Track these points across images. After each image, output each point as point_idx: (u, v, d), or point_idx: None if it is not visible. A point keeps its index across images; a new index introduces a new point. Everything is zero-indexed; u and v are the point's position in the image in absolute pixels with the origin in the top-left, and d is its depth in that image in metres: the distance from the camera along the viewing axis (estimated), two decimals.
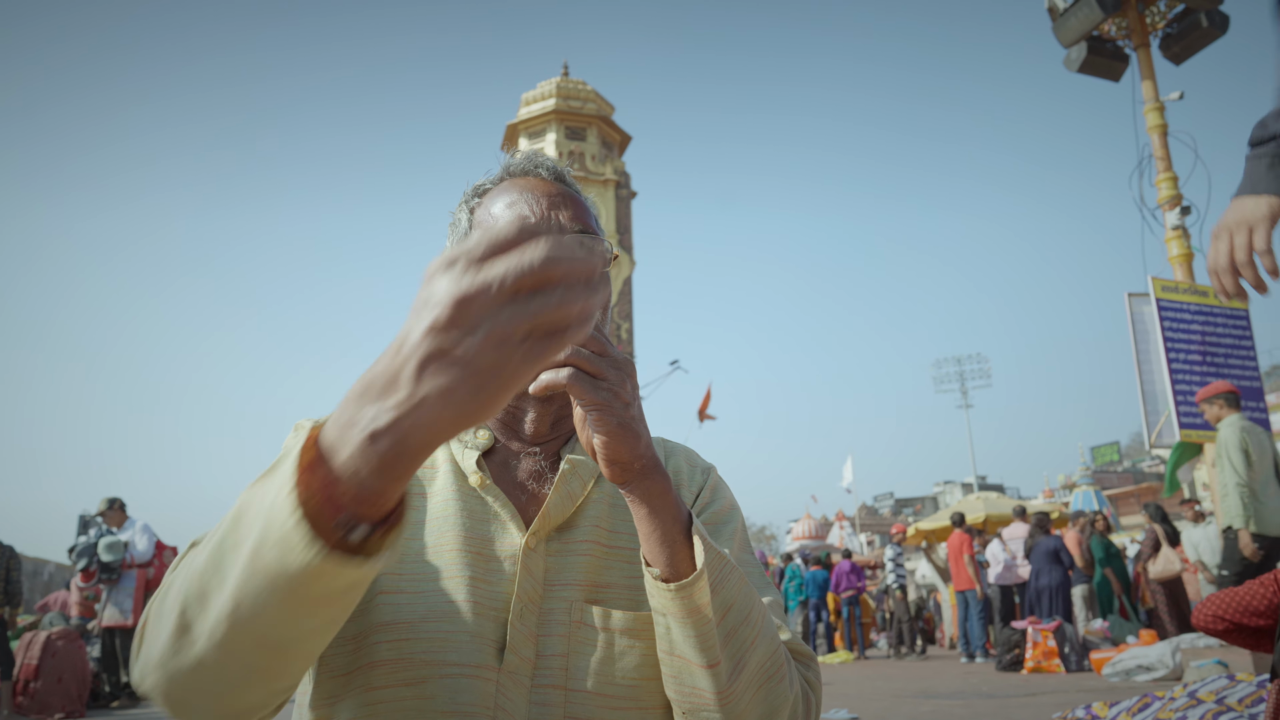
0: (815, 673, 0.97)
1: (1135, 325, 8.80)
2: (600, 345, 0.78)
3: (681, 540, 0.82)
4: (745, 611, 0.85)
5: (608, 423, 0.77)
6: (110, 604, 8.24)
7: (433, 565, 0.90)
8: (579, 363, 0.77)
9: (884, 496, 78.00)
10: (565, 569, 0.93)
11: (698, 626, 0.81)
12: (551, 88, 31.28)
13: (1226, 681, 4.19)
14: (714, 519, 1.02)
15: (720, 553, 0.83)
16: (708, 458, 1.13)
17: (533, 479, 0.98)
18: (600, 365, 0.77)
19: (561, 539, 0.95)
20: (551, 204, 1.00)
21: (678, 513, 0.83)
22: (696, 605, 0.80)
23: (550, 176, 1.05)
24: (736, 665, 0.83)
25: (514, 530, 0.93)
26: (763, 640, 0.86)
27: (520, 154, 1.07)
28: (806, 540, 31.00)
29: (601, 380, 0.77)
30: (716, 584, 0.81)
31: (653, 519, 0.82)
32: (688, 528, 0.83)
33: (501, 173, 1.06)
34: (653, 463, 0.82)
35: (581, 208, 1.03)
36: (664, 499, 0.82)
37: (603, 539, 0.96)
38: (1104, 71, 10.23)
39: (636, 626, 0.91)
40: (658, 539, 0.82)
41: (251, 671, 0.66)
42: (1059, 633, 8.93)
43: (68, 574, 14.43)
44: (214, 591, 0.63)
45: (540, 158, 1.07)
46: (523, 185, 1.02)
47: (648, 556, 0.83)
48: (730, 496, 1.07)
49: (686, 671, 0.84)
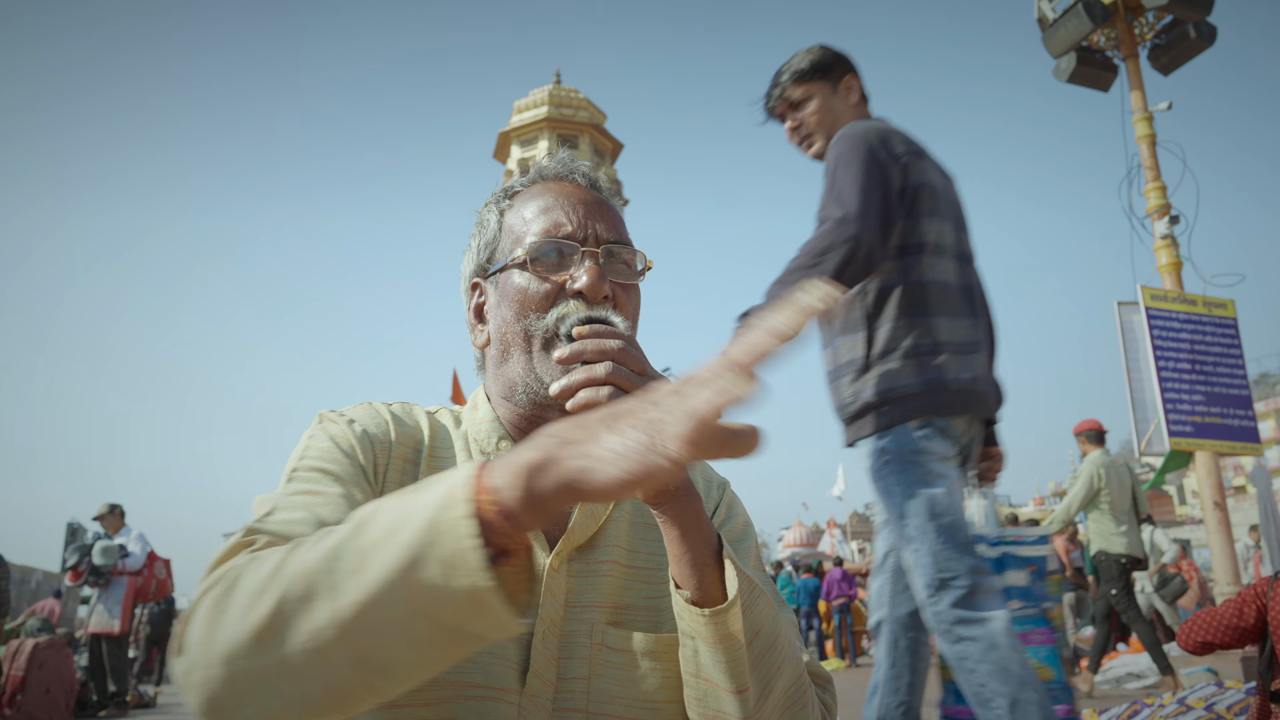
0: (832, 695, 0.95)
1: (1125, 334, 8.83)
2: (640, 364, 0.77)
3: (712, 564, 0.80)
4: (772, 636, 0.83)
5: None
6: (99, 609, 8.18)
7: None
8: (620, 381, 0.75)
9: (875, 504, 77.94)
10: (586, 590, 0.91)
11: (729, 652, 0.79)
12: (544, 95, 31.32)
13: (1215, 689, 4.21)
14: (730, 536, 1.00)
15: (749, 578, 0.82)
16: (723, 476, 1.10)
17: None
18: (640, 385, 0.76)
19: (583, 559, 0.92)
20: (589, 213, 0.96)
21: (709, 535, 0.81)
22: (730, 631, 0.78)
23: (586, 183, 1.01)
24: (764, 690, 0.82)
25: (537, 550, 0.90)
26: (788, 665, 0.84)
27: (554, 157, 1.04)
28: (798, 548, 30.96)
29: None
30: (746, 609, 0.80)
31: (684, 541, 0.80)
32: (718, 551, 0.81)
33: (534, 175, 1.03)
34: (688, 484, 0.80)
35: (616, 217, 1.00)
36: (697, 521, 0.80)
37: (622, 559, 0.94)
38: (1093, 82, 10.29)
39: (658, 649, 0.89)
40: (689, 561, 0.80)
41: (332, 691, 0.61)
42: None
43: (56, 582, 14.34)
44: (323, 596, 0.59)
45: (576, 162, 1.03)
46: (557, 190, 0.99)
47: (678, 578, 0.81)
48: (744, 514, 1.05)
49: (713, 695, 0.82)
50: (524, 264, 0.94)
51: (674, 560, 0.81)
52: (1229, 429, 8.55)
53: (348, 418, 0.93)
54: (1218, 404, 8.57)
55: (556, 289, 0.93)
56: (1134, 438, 8.85)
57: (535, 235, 0.95)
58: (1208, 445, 8.22)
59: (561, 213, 0.96)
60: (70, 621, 11.73)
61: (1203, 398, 8.49)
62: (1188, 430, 8.19)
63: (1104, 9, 9.69)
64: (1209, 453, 8.21)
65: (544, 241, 0.94)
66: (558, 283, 0.93)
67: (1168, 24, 9.92)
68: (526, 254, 0.93)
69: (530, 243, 0.94)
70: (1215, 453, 8.28)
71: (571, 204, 0.97)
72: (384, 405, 0.98)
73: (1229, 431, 8.56)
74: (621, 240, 0.97)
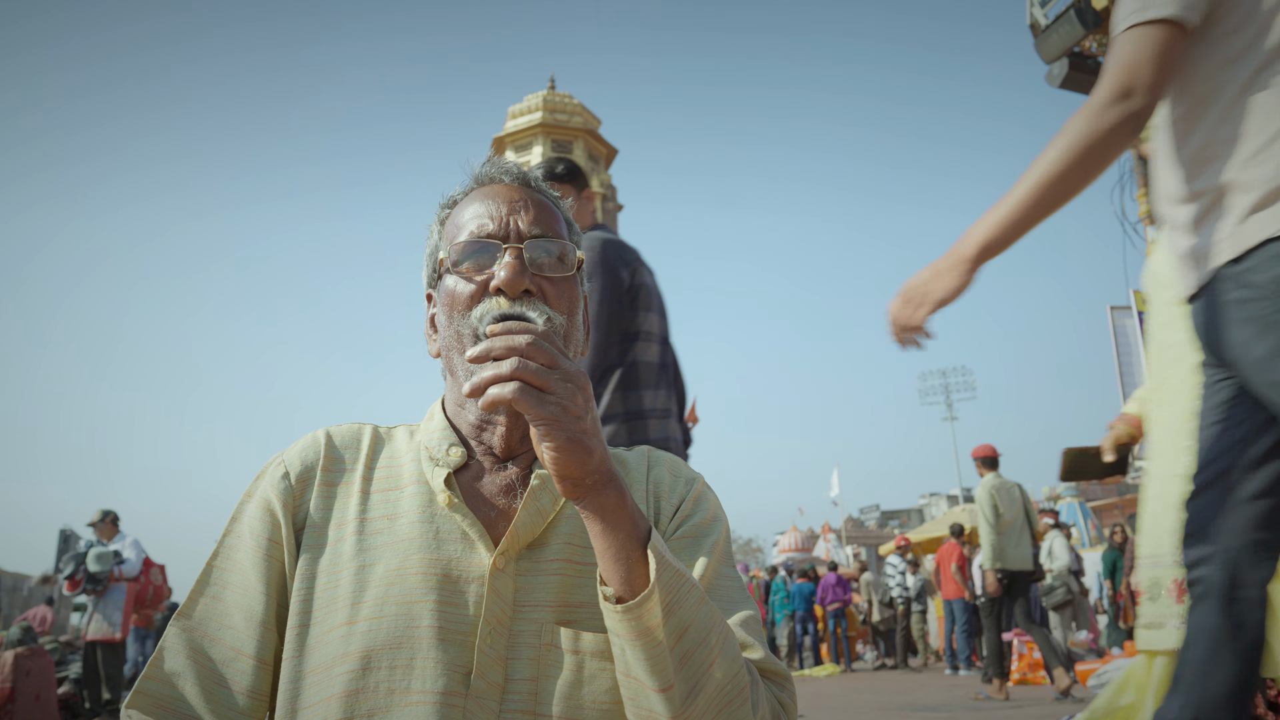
0: (789, 693, 0.94)
1: (1118, 338, 8.86)
2: (549, 358, 0.76)
3: (638, 557, 0.79)
4: (704, 632, 0.81)
5: (556, 437, 0.75)
6: (97, 616, 8.14)
7: (395, 590, 0.88)
8: (525, 376, 0.75)
9: (870, 509, 78.03)
10: (535, 589, 0.90)
11: (648, 648, 0.78)
12: (538, 101, 31.37)
13: None
14: (694, 531, 0.99)
15: (678, 571, 0.81)
16: (693, 468, 1.10)
17: (503, 495, 0.96)
18: (548, 379, 0.75)
19: (532, 557, 0.92)
20: (512, 209, 0.98)
21: (634, 528, 0.80)
22: (646, 626, 0.78)
23: (514, 181, 1.02)
24: (693, 688, 0.80)
25: (482, 550, 0.90)
26: (722, 662, 0.83)
27: (488, 160, 1.05)
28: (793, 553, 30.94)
29: (549, 394, 0.75)
30: (672, 604, 0.79)
31: (607, 535, 0.80)
32: (645, 544, 0.80)
33: (470, 182, 1.04)
34: (606, 477, 0.79)
35: (546, 211, 1.00)
36: (619, 514, 0.80)
37: (575, 556, 0.93)
38: (1086, 87, 10.30)
39: (608, 649, 0.87)
40: (612, 556, 0.80)
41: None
42: None
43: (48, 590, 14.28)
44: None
45: (505, 163, 1.05)
46: (486, 193, 1.00)
47: (603, 574, 0.81)
48: (714, 508, 1.03)
49: (641, 694, 0.81)
50: (452, 266, 0.96)
51: (599, 556, 0.81)
52: None
53: (280, 471, 0.98)
54: None
55: (481, 288, 0.94)
56: None
57: (462, 238, 0.97)
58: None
59: (486, 213, 0.98)
60: (63, 628, 11.68)
61: None
62: None
63: (1096, 15, 9.73)
64: None
65: (467, 243, 0.96)
66: (482, 281, 0.94)
67: None
68: (451, 256, 0.96)
69: (455, 245, 0.96)
70: None
71: (496, 203, 0.99)
72: (326, 432, 1.02)
73: None
74: (546, 234, 0.97)
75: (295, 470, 0.98)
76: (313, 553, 0.93)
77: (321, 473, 0.98)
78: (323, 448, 1.00)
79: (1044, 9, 10.35)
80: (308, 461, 0.99)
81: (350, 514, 0.95)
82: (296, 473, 0.98)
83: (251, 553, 0.94)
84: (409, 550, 0.90)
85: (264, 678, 0.91)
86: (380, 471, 0.99)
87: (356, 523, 0.94)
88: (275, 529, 0.95)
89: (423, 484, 0.96)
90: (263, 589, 0.93)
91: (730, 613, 0.94)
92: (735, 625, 0.93)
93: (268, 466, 1.00)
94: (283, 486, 0.96)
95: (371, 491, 0.97)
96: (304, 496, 0.96)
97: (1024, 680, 8.82)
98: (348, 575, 0.90)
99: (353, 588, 0.89)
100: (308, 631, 0.89)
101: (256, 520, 0.96)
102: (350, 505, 0.96)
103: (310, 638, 0.89)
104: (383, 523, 0.94)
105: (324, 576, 0.91)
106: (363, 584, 0.89)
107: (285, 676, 0.89)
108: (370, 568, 0.90)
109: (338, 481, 0.98)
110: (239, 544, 0.96)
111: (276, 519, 0.95)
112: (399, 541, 0.91)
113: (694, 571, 0.94)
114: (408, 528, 0.92)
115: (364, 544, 0.92)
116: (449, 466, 0.95)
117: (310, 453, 1.00)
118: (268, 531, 0.95)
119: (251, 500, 0.98)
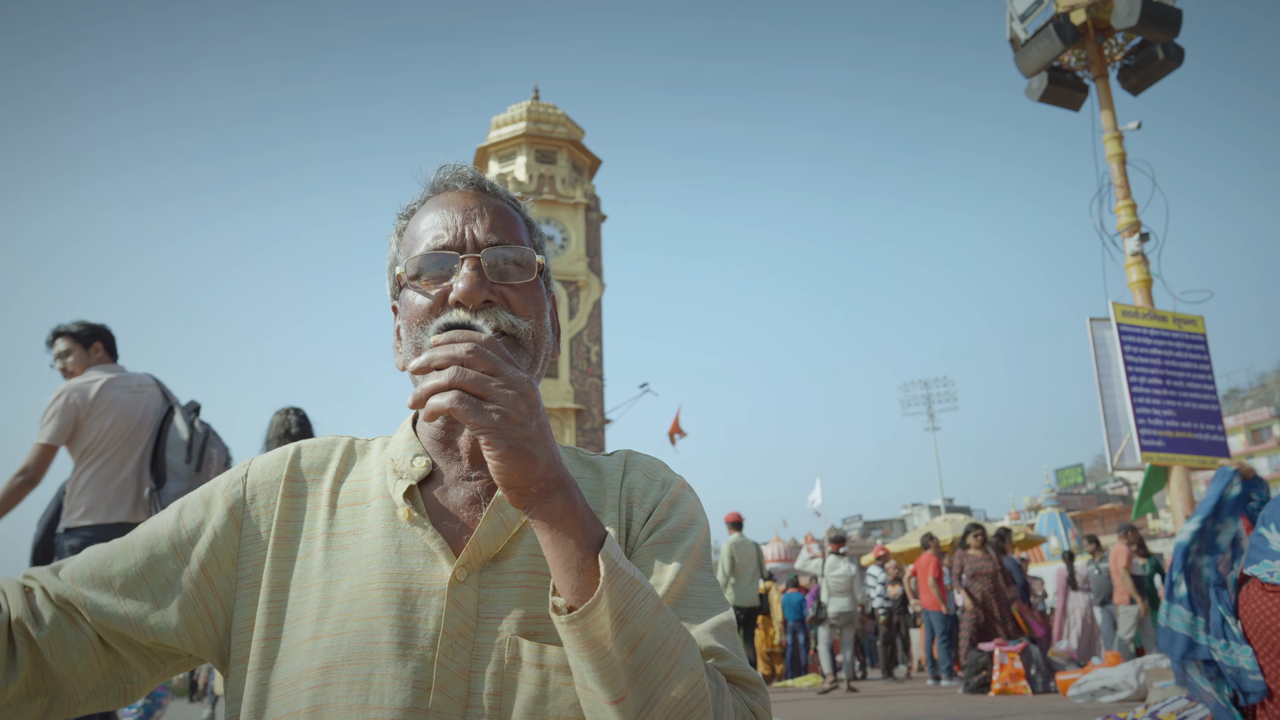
0: (762, 700, 0.91)
1: (1097, 349, 8.93)
2: (490, 365, 0.75)
3: (590, 565, 0.77)
4: (659, 642, 0.78)
5: (498, 445, 0.74)
6: None
7: (357, 606, 0.86)
8: (463, 385, 0.74)
9: (853, 519, 78.23)
10: (498, 601, 0.88)
11: (596, 660, 0.76)
12: (522, 111, 31.33)
13: (1186, 702, 4.24)
14: (667, 535, 0.96)
15: (632, 579, 0.78)
16: (676, 475, 1.06)
17: (468, 506, 0.94)
18: (486, 387, 0.74)
19: (495, 570, 0.90)
20: (467, 218, 0.96)
21: (584, 536, 0.78)
22: (593, 637, 0.75)
23: (468, 187, 1.01)
24: (648, 700, 0.77)
25: (444, 563, 0.89)
26: (680, 672, 0.79)
27: (442, 167, 1.03)
28: (776, 563, 30.94)
29: (489, 402, 0.74)
30: (625, 613, 0.76)
31: (557, 544, 0.77)
32: (598, 551, 0.78)
33: (425, 190, 1.02)
34: (554, 484, 0.77)
35: (504, 216, 0.98)
36: (566, 521, 0.77)
37: (540, 569, 0.91)
38: (1064, 101, 10.44)
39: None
40: (562, 564, 0.77)
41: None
42: (1025, 654, 8.98)
43: None
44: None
45: (460, 169, 1.03)
46: (441, 201, 0.99)
47: (555, 583, 0.79)
48: (692, 510, 1.01)
49: (597, 706, 0.78)
50: (409, 280, 0.95)
51: (550, 565, 0.79)
52: (1200, 443, 8.66)
53: (240, 473, 0.99)
54: (1188, 419, 8.68)
55: (440, 300, 0.93)
56: (1106, 452, 8.93)
57: (419, 250, 0.96)
58: (1179, 460, 8.32)
59: (441, 224, 0.96)
60: None
61: (1174, 413, 8.59)
62: (1159, 445, 8.29)
63: (1074, 30, 9.85)
64: (1181, 467, 8.29)
65: (424, 255, 0.95)
66: (441, 293, 0.93)
67: (1136, 45, 10.10)
68: (407, 270, 0.95)
69: (412, 258, 0.95)
70: (1186, 467, 8.37)
71: (450, 213, 0.97)
72: (298, 446, 1.02)
73: (1200, 446, 8.66)
74: (504, 241, 0.96)
75: (256, 476, 0.98)
76: (282, 565, 0.92)
77: (285, 484, 0.97)
78: (288, 460, 0.99)
79: (1023, 24, 10.47)
80: (270, 471, 0.98)
81: (319, 529, 0.94)
82: (255, 479, 0.98)
83: (171, 522, 0.96)
84: (371, 565, 0.89)
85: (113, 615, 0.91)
86: (349, 485, 0.98)
87: (325, 538, 0.93)
88: (208, 512, 0.95)
89: (387, 498, 0.95)
90: (168, 537, 0.94)
91: (704, 618, 0.92)
92: (707, 631, 0.90)
93: (231, 469, 1.00)
94: (236, 490, 0.97)
95: (339, 505, 0.96)
96: (254, 503, 0.96)
97: (1005, 691, 8.85)
98: (315, 590, 0.89)
99: (319, 603, 0.88)
100: (276, 644, 0.88)
101: (192, 502, 0.97)
102: (319, 520, 0.95)
103: (280, 651, 0.88)
104: (350, 538, 0.93)
105: (295, 591, 0.90)
106: (329, 599, 0.88)
107: (250, 688, 0.88)
108: (336, 583, 0.89)
109: (304, 494, 0.97)
110: (164, 515, 0.97)
111: (213, 505, 0.96)
112: (363, 557, 0.90)
113: (665, 577, 0.92)
114: (372, 542, 0.91)
115: (331, 559, 0.91)
116: (412, 479, 0.94)
117: (274, 461, 0.99)
118: (199, 515, 0.96)
119: (198, 491, 0.99)
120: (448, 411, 0.73)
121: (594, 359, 29.16)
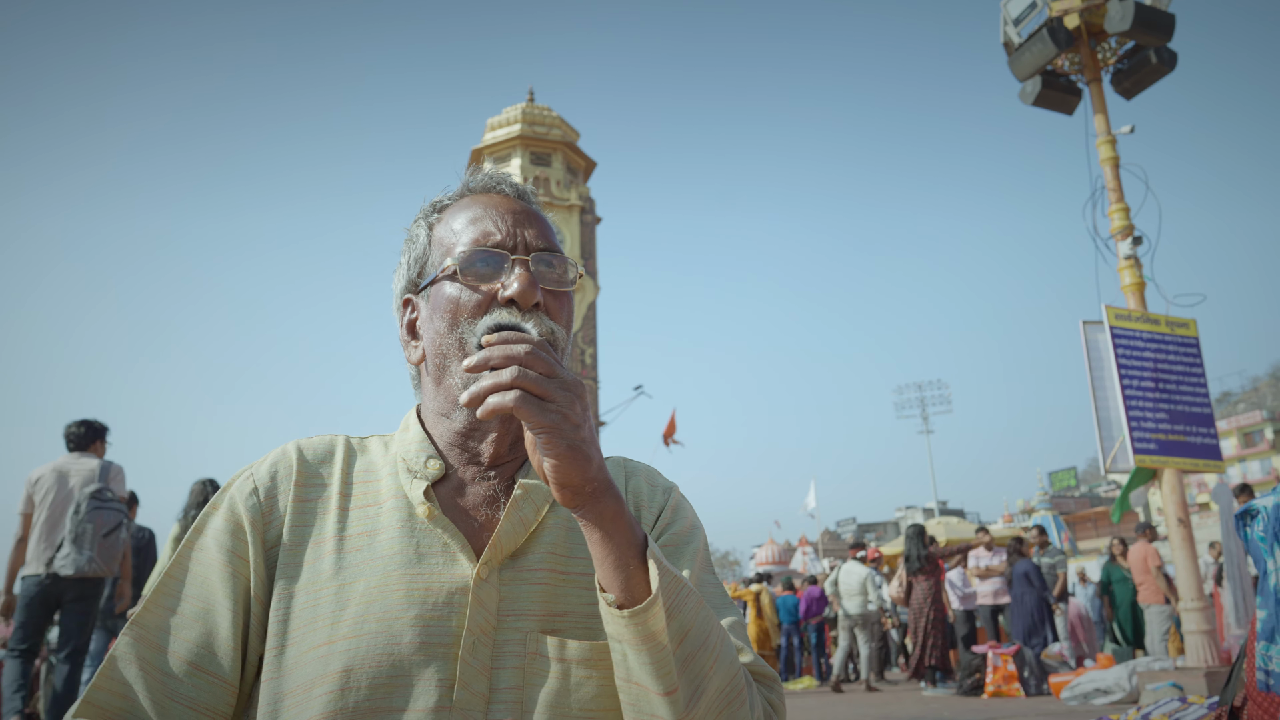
0: (778, 694, 0.95)
1: (1090, 353, 8.95)
2: (548, 367, 0.76)
3: (636, 564, 0.80)
4: (703, 636, 0.82)
5: (557, 445, 0.75)
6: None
7: (375, 608, 0.86)
8: (526, 385, 0.74)
9: (847, 521, 78.26)
10: (519, 598, 0.90)
11: (653, 653, 0.79)
12: (517, 113, 31.34)
13: (1179, 704, 4.25)
14: (675, 539, 0.99)
15: (677, 576, 0.81)
16: (670, 481, 1.10)
17: (486, 506, 0.95)
18: (548, 387, 0.75)
19: (515, 567, 0.91)
20: (517, 221, 0.97)
21: (632, 536, 0.81)
22: (651, 631, 0.78)
23: (513, 194, 1.02)
24: (695, 691, 0.81)
25: (464, 561, 0.90)
26: (721, 665, 0.84)
27: (481, 172, 1.04)
28: (770, 565, 30.99)
29: (549, 402, 0.75)
30: (673, 609, 0.79)
31: (606, 543, 0.80)
32: (643, 551, 0.81)
33: (462, 189, 1.03)
34: (604, 485, 0.79)
35: (545, 226, 1.00)
36: (617, 522, 0.80)
37: (559, 566, 0.93)
38: (1058, 105, 10.47)
39: (593, 656, 0.88)
40: (612, 563, 0.80)
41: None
42: (1019, 657, 9.00)
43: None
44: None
45: (503, 175, 1.04)
46: (485, 201, 1.00)
47: (602, 581, 0.81)
48: (692, 516, 1.04)
49: (644, 699, 0.81)
50: (454, 274, 0.95)
51: (597, 563, 0.81)
52: (1192, 446, 8.68)
53: (248, 486, 0.96)
54: (1181, 422, 8.70)
55: (489, 298, 0.93)
56: (1099, 455, 8.96)
57: (465, 245, 0.96)
58: (1171, 463, 8.34)
59: (490, 222, 0.97)
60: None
61: (1166, 416, 8.61)
62: (1152, 448, 8.31)
63: (1068, 34, 9.88)
64: (1173, 470, 8.31)
65: (473, 251, 0.94)
66: (489, 292, 0.93)
67: (1130, 49, 10.13)
68: (456, 264, 0.94)
69: (460, 253, 0.95)
70: (1179, 470, 8.39)
71: (500, 213, 0.98)
72: (297, 446, 1.00)
73: (1192, 449, 8.68)
74: (551, 248, 0.97)
75: (264, 486, 0.96)
76: (290, 572, 0.91)
77: (295, 489, 0.96)
78: (295, 463, 0.98)
79: (1017, 28, 10.50)
80: (278, 478, 0.96)
81: (328, 532, 0.93)
82: (266, 489, 0.96)
83: (216, 567, 0.92)
84: (389, 566, 0.89)
85: (219, 695, 0.88)
86: (358, 487, 0.97)
87: (335, 540, 0.92)
88: (241, 544, 0.92)
89: (401, 498, 0.95)
90: (228, 604, 0.90)
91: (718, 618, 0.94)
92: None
93: (235, 480, 0.98)
94: (251, 503, 0.94)
95: (350, 508, 0.95)
96: (273, 514, 0.94)
97: (999, 693, 8.86)
98: (328, 594, 0.89)
99: (333, 607, 0.87)
100: (285, 652, 0.87)
101: (223, 533, 0.93)
102: (328, 523, 0.94)
103: (288, 658, 0.87)
104: (362, 539, 0.92)
105: (302, 596, 0.89)
106: (343, 603, 0.87)
107: (264, 699, 0.87)
108: (350, 586, 0.88)
109: (313, 498, 0.96)
110: (202, 556, 0.93)
111: (244, 535, 0.93)
112: (379, 558, 0.90)
113: None
114: (387, 544, 0.91)
115: (343, 562, 0.91)
116: (427, 479, 0.94)
117: (281, 468, 0.97)
118: (234, 545, 0.92)
119: (217, 513, 0.95)
120: (509, 410, 0.74)
121: (588, 361, 29.16)
